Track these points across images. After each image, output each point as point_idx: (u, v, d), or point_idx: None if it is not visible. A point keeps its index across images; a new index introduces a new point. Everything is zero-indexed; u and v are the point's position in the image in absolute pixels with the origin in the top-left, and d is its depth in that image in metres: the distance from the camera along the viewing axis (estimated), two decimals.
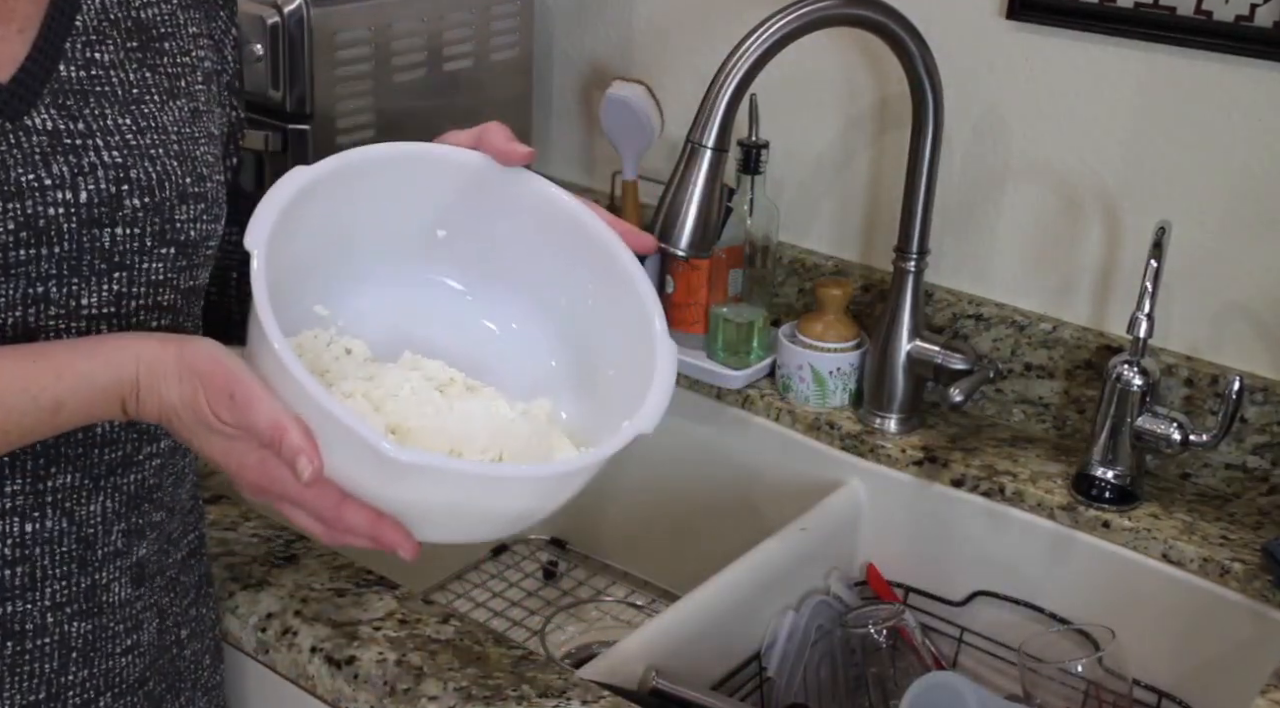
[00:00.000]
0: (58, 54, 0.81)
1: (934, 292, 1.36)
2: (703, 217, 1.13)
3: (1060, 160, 1.29)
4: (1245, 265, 1.22)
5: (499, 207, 0.90)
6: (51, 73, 0.80)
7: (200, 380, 0.75)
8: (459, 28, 1.46)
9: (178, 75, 0.87)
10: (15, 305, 0.78)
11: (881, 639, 1.20)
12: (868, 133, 1.41)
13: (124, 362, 0.76)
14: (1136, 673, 1.17)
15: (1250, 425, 1.21)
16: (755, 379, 1.40)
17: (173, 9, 0.88)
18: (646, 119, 1.44)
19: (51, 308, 0.80)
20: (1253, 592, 1.13)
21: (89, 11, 0.83)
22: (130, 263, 0.82)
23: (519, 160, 0.89)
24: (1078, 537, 1.21)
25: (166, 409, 0.76)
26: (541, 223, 0.90)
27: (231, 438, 0.75)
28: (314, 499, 0.75)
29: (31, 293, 0.79)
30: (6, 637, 0.84)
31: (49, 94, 0.80)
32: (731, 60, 1.12)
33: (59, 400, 0.76)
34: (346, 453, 0.73)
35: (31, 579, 0.84)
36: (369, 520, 0.76)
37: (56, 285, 0.79)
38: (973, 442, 1.31)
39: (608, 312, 0.88)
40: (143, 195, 0.82)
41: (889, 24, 1.19)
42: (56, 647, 0.86)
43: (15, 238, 0.77)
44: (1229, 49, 1.18)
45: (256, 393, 0.73)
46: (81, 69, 0.82)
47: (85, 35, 0.83)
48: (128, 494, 0.87)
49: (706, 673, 1.16)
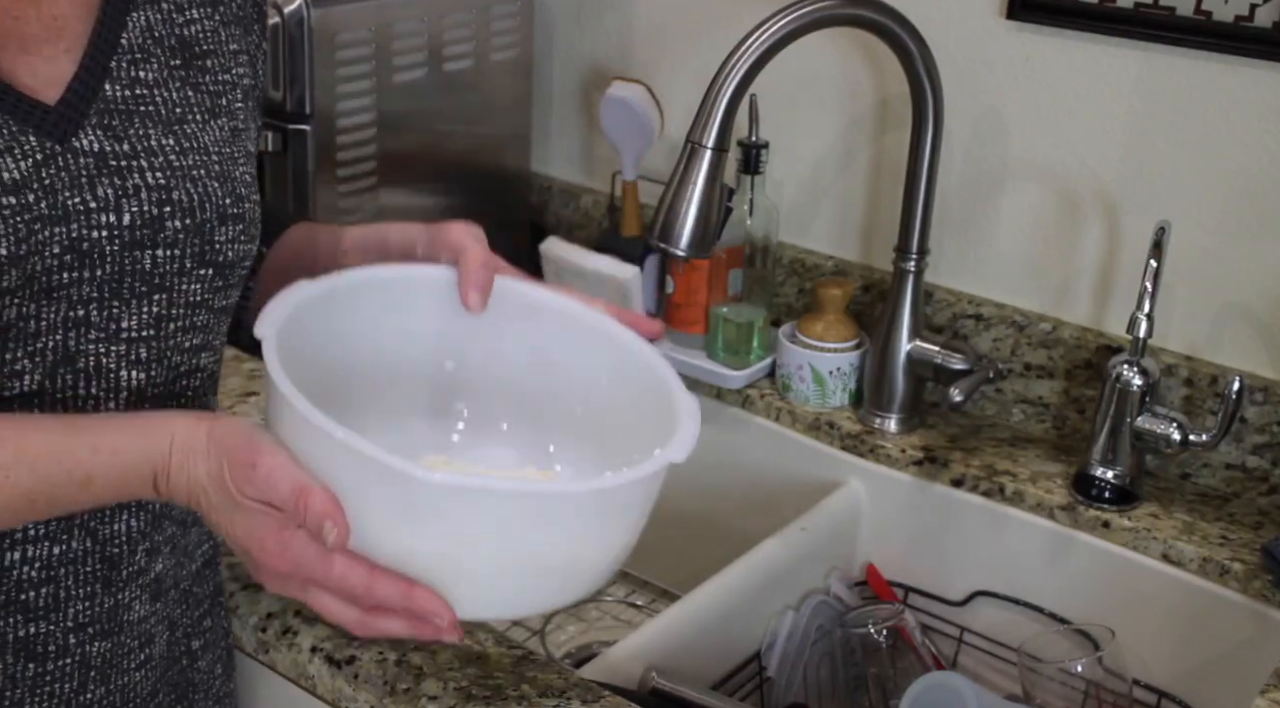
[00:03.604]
0: (104, 73, 0.80)
1: (934, 292, 1.36)
2: (703, 216, 1.13)
3: (1060, 160, 1.29)
4: (1245, 265, 1.22)
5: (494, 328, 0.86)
6: (98, 92, 0.80)
7: (226, 456, 0.73)
8: (459, 28, 1.46)
9: (219, 93, 0.86)
10: (56, 329, 0.78)
11: (881, 639, 1.20)
12: (868, 133, 1.41)
13: (158, 438, 0.75)
14: (1136, 673, 1.17)
15: (1250, 425, 1.21)
16: (755, 379, 1.40)
17: (215, 25, 0.87)
18: (646, 119, 1.44)
19: (92, 331, 0.79)
20: (1253, 592, 1.13)
21: (134, 29, 0.83)
22: (170, 284, 0.82)
23: (473, 310, 0.85)
24: (1077, 537, 1.21)
25: (195, 487, 0.74)
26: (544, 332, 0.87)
27: (255, 515, 0.73)
28: (342, 575, 0.72)
29: (72, 316, 0.78)
30: (29, 658, 0.83)
31: (95, 114, 0.79)
32: (731, 60, 1.12)
33: (90, 475, 0.74)
34: (376, 501, 0.70)
35: (55, 600, 0.83)
36: (402, 591, 0.71)
37: (97, 308, 0.79)
38: (973, 442, 1.31)
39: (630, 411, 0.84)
40: (184, 217, 0.81)
41: (889, 24, 1.19)
42: (76, 667, 0.85)
43: (60, 261, 0.76)
44: (1228, 49, 1.18)
45: (280, 461, 0.71)
46: (126, 88, 0.81)
47: (131, 54, 0.82)
48: (152, 512, 0.86)
49: (706, 673, 1.16)
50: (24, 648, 0.83)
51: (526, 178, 1.64)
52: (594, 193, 1.63)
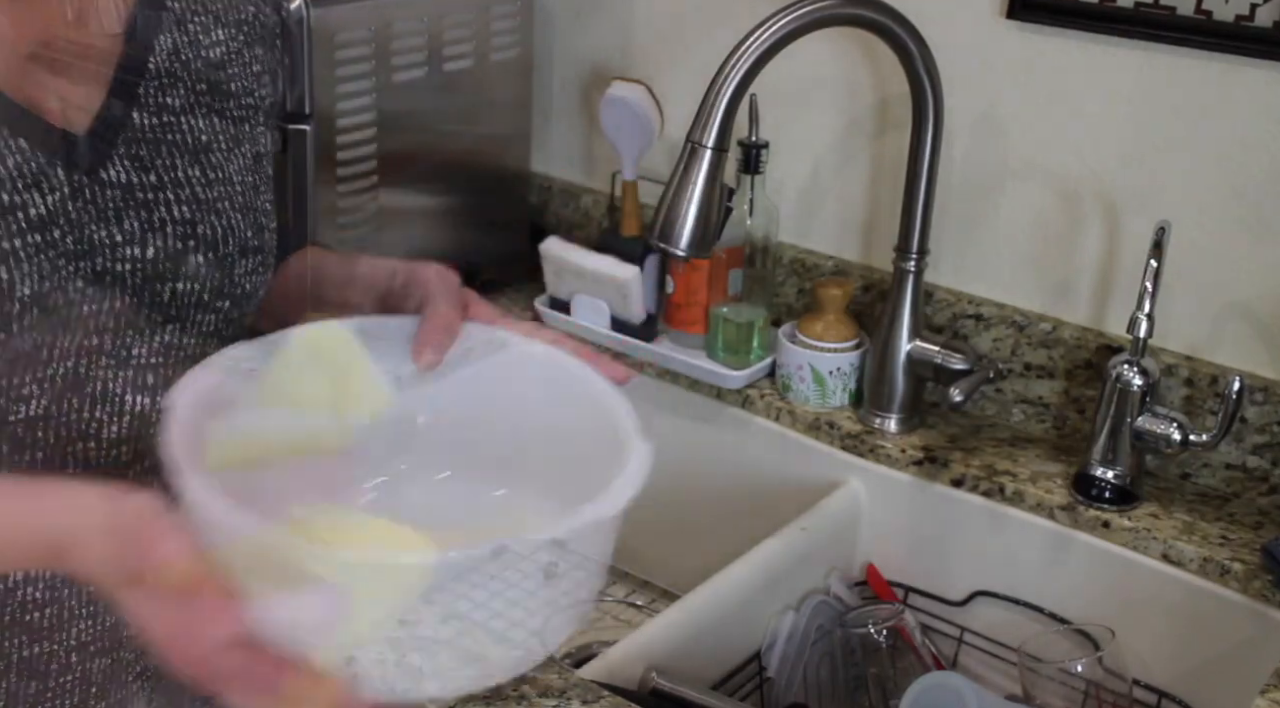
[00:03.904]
0: (132, 100, 0.79)
1: (934, 292, 1.36)
2: (703, 217, 1.13)
3: (1060, 160, 1.29)
4: (1245, 265, 1.22)
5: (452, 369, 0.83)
6: (126, 121, 0.78)
7: (125, 535, 0.66)
8: (459, 28, 1.46)
9: (242, 119, 0.85)
10: (68, 355, 0.77)
11: (881, 639, 1.20)
12: (868, 133, 1.41)
13: (61, 512, 0.68)
14: (1136, 673, 1.17)
15: (1250, 425, 1.21)
16: (755, 379, 1.40)
17: (239, 48, 0.85)
18: (646, 119, 1.44)
19: (103, 358, 0.78)
20: (1253, 592, 1.13)
21: (161, 53, 0.81)
22: (186, 316, 0.81)
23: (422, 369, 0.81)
24: (1077, 537, 1.21)
25: (93, 565, 0.68)
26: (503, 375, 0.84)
27: (152, 596, 0.66)
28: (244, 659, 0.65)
29: (86, 344, 0.77)
30: (31, 677, 0.83)
31: (123, 144, 0.78)
32: (731, 60, 1.11)
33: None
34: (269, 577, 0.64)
35: (59, 620, 0.83)
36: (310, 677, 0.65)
37: (111, 337, 0.78)
38: (973, 442, 1.31)
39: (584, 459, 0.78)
40: (207, 251, 0.80)
41: (889, 24, 1.19)
42: (77, 683, 0.85)
43: (82, 294, 0.75)
44: (1229, 49, 1.17)
45: (176, 536, 0.65)
46: (154, 116, 0.79)
47: (158, 79, 0.80)
48: None
49: (706, 673, 1.16)
50: (28, 667, 0.82)
51: (526, 178, 1.64)
52: (594, 193, 1.63)
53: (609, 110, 1.45)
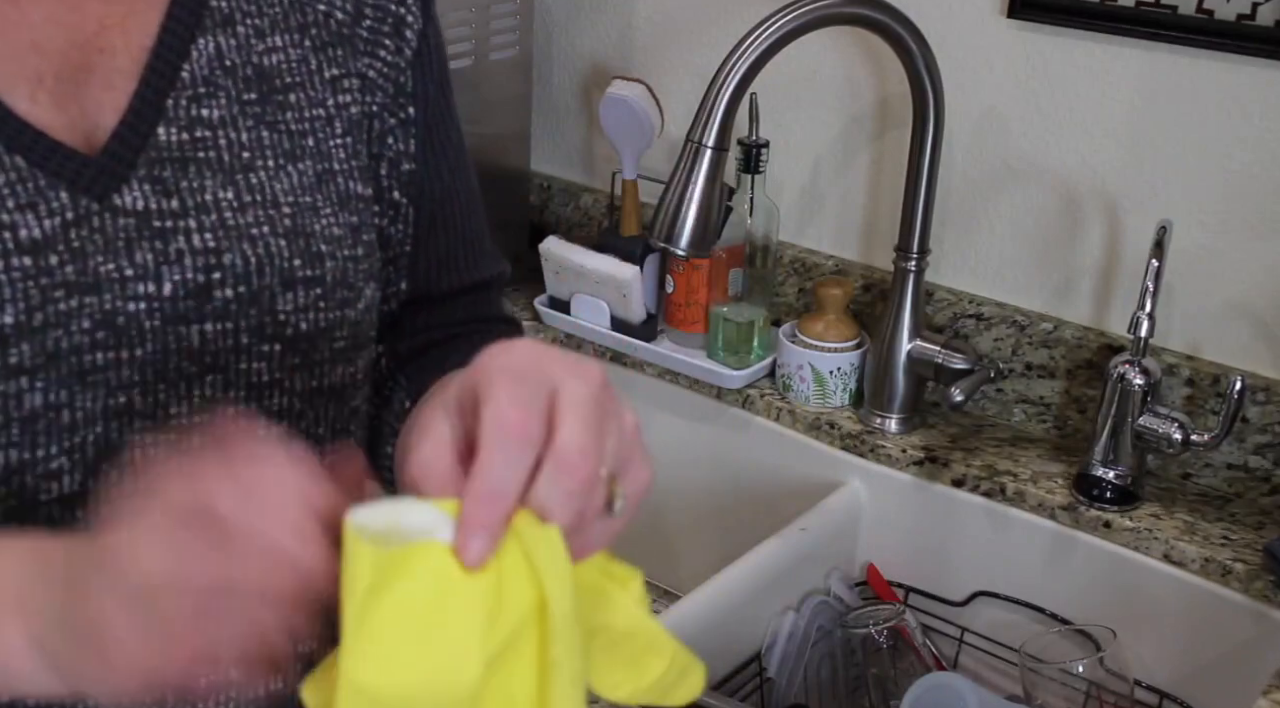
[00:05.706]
0: (158, 114, 0.70)
1: (934, 291, 1.36)
2: (703, 216, 1.13)
3: (1061, 159, 1.29)
4: (1246, 265, 1.22)
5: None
6: (149, 138, 0.70)
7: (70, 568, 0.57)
8: (458, 27, 1.46)
9: (303, 133, 0.75)
10: (95, 419, 0.68)
11: (881, 640, 1.20)
12: (868, 133, 1.40)
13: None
14: (1138, 674, 1.17)
15: (1252, 425, 1.21)
16: (755, 379, 1.40)
17: (303, 53, 0.76)
18: (646, 119, 1.44)
19: (136, 420, 0.69)
20: (1254, 592, 1.13)
21: (199, 59, 0.72)
22: (225, 363, 0.71)
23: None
24: (1079, 537, 1.21)
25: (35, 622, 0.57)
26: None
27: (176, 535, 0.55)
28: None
29: (112, 404, 0.68)
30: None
31: (144, 165, 0.69)
32: (731, 60, 1.11)
33: None
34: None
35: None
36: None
37: (140, 393, 0.69)
38: (973, 442, 1.31)
39: None
40: (236, 284, 0.70)
41: (889, 23, 1.19)
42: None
43: (91, 339, 0.67)
44: (1230, 48, 1.17)
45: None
46: (184, 130, 0.71)
47: (193, 88, 0.71)
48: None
49: (707, 673, 1.16)
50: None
51: (526, 177, 1.64)
52: (594, 192, 1.63)
53: (609, 109, 1.45)
